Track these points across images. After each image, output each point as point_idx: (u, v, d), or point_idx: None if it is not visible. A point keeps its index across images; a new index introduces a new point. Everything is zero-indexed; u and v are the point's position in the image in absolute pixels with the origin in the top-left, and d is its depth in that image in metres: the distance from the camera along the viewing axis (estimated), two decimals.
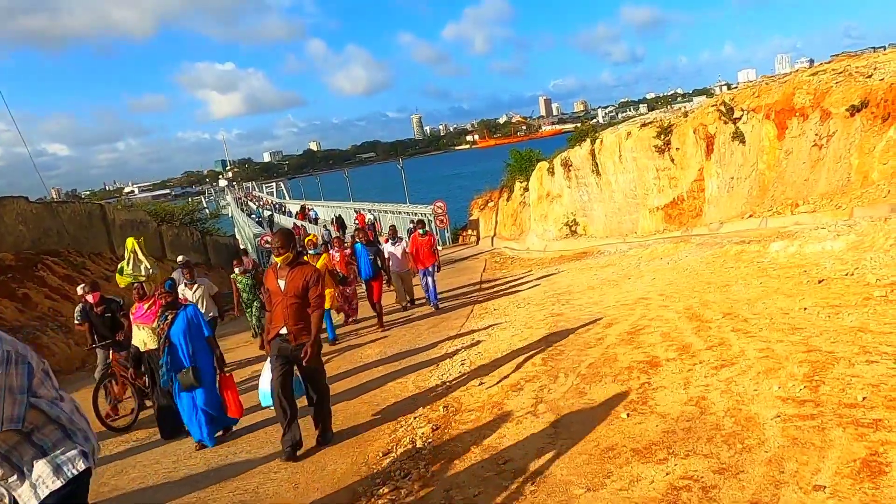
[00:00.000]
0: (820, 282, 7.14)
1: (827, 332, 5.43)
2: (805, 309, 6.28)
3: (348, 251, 11.86)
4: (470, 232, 29.30)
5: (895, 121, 11.02)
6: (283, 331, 5.48)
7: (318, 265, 9.78)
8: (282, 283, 5.52)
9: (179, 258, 14.06)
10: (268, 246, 26.32)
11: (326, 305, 9.86)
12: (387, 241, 12.93)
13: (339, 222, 36.91)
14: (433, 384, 6.87)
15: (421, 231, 12.56)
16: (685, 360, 5.61)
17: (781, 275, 7.92)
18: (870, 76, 12.29)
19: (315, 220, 42.94)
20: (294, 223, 38.07)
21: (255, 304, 11.15)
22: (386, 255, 12.05)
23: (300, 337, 5.41)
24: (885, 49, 18.61)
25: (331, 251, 11.86)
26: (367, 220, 30.44)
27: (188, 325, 6.28)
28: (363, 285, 12.02)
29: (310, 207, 49.97)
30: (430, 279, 12.18)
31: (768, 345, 5.45)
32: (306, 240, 12.07)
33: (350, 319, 12.09)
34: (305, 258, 9.77)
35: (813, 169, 12.51)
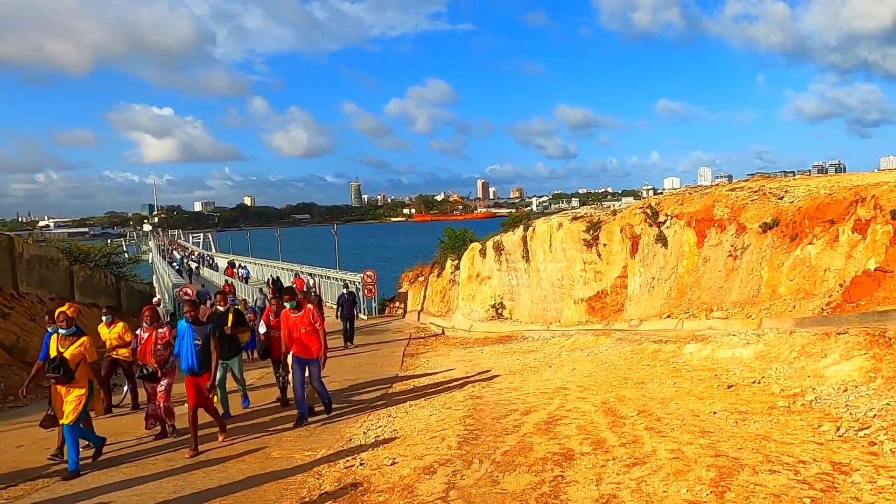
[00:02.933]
0: (729, 387, 7.41)
1: (734, 438, 5.59)
2: (715, 413, 6.47)
3: (164, 331, 8.39)
4: (397, 304, 29.13)
5: (801, 241, 11.88)
6: None
7: (68, 353, 6.88)
8: None
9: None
10: (186, 297, 25.29)
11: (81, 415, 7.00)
12: (269, 310, 10.31)
13: (276, 285, 34.70)
14: (343, 460, 6.60)
15: (289, 304, 8.58)
16: (599, 455, 5.63)
17: (694, 377, 8.18)
18: (781, 198, 13.30)
19: (246, 279, 40.30)
20: (225, 280, 35.99)
21: None
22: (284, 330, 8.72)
23: None
24: (794, 175, 20.34)
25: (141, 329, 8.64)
26: (306, 285, 29.22)
27: None
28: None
29: (241, 264, 46.96)
30: (314, 370, 8.57)
31: (679, 446, 5.55)
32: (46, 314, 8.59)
33: (163, 427, 8.42)
34: (53, 339, 7.09)
35: (727, 277, 13.22)
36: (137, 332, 8.82)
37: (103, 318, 10.60)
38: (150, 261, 68.08)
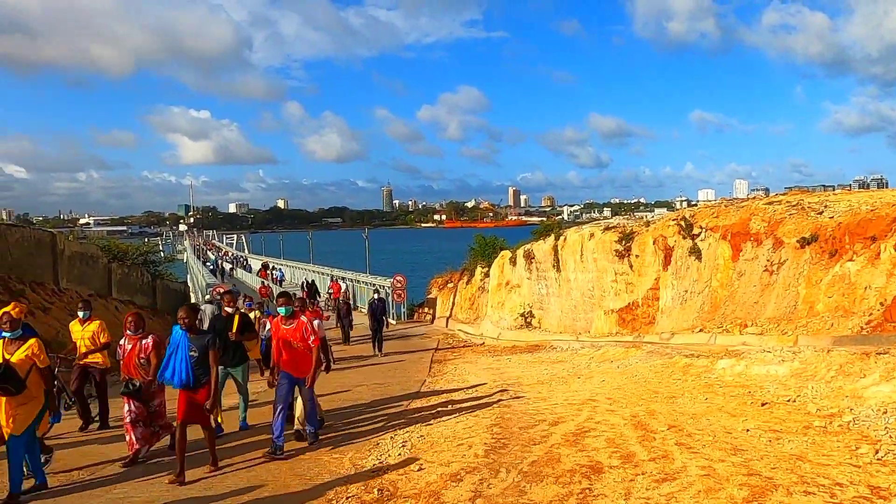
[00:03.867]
0: (763, 405, 7.27)
1: (767, 457, 5.48)
2: (748, 430, 6.35)
3: (148, 342, 7.32)
4: (426, 310, 29.21)
5: (841, 257, 11.61)
6: None
7: (15, 359, 5.89)
8: None
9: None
10: (219, 298, 25.62)
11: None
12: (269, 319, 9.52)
13: (311, 288, 32.14)
14: (370, 464, 6.64)
15: (283, 311, 7.53)
16: (628, 469, 5.56)
17: (727, 393, 8.04)
18: (821, 213, 13.02)
19: (280, 282, 39.33)
20: (262, 282, 35.71)
21: None
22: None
23: None
24: (834, 189, 19.91)
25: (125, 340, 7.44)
26: (344, 290, 29.05)
27: None
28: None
29: (274, 266, 46.75)
30: (305, 390, 7.60)
31: (710, 463, 5.46)
32: None
33: (140, 450, 7.20)
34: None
35: (763, 293, 12.97)
36: (121, 341, 7.46)
37: (79, 314, 8.82)
38: (184, 260, 69.43)
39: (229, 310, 8.98)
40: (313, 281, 35.60)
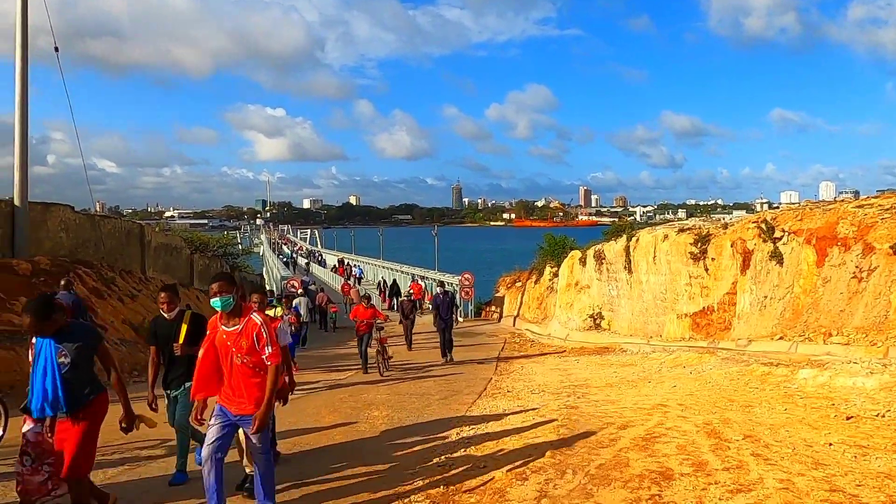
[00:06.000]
0: (848, 418, 6.89)
1: (853, 474, 5.20)
2: (831, 444, 6.04)
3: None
4: (493, 308, 29.18)
5: None
6: None
7: None
8: None
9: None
10: (293, 290, 26.48)
11: None
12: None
13: (392, 289, 31.61)
14: (436, 459, 6.70)
15: (219, 303, 4.72)
16: (700, 477, 5.40)
17: (808, 404, 7.67)
18: None
19: (360, 279, 38.63)
20: (344, 280, 35.18)
21: None
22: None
23: None
24: None
25: None
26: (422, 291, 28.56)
27: None
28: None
29: (353, 262, 45.84)
30: (251, 443, 4.89)
31: (789, 476, 5.23)
32: None
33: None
34: None
35: (850, 301, 12.27)
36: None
37: None
38: (261, 253, 71.95)
39: (167, 314, 6.16)
40: (395, 280, 34.86)
